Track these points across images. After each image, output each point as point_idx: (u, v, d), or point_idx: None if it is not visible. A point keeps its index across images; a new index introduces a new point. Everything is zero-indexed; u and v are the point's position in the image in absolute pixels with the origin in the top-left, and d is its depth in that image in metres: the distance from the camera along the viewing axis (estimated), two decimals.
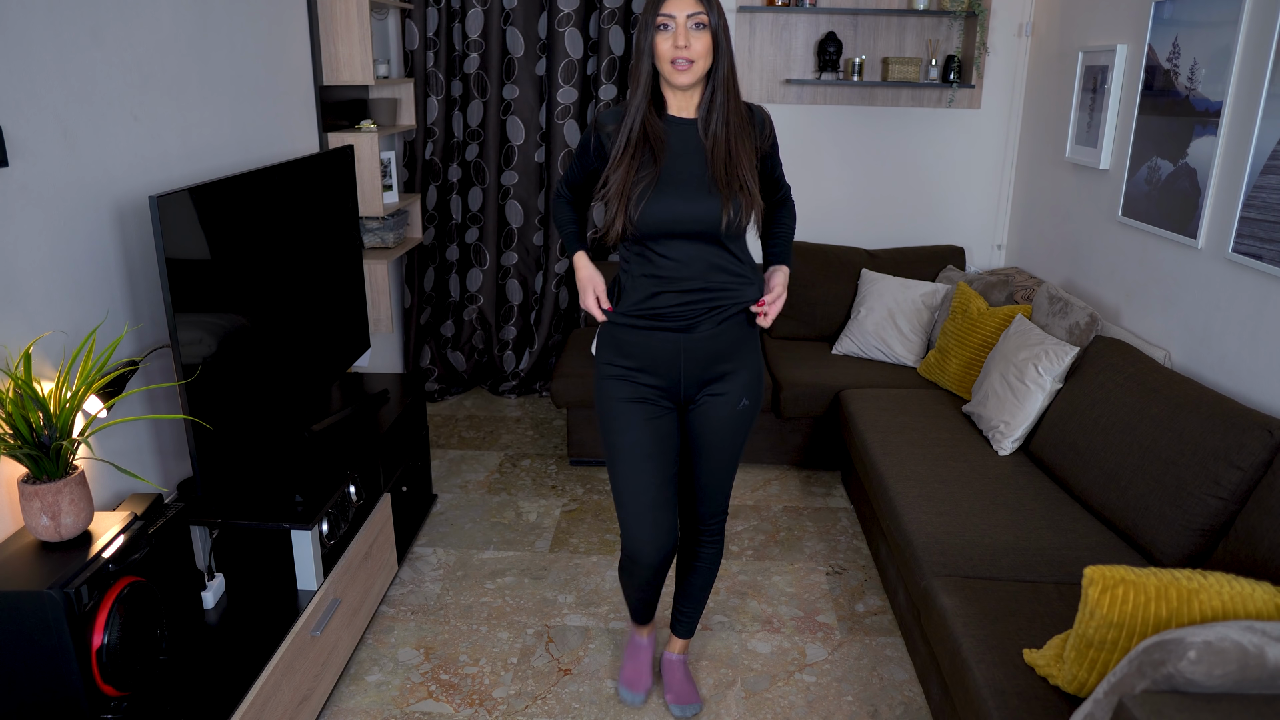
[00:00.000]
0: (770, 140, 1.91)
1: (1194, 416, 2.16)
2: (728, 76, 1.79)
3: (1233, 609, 1.49)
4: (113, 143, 2.00)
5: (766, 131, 1.90)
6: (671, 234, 1.81)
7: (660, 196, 1.78)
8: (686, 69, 1.73)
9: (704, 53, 1.73)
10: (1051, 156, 3.62)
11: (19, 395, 1.55)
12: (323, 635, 2.14)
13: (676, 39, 1.71)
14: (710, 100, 1.79)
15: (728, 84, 1.79)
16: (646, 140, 1.79)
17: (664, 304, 1.87)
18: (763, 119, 1.89)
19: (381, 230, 3.53)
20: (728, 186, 1.78)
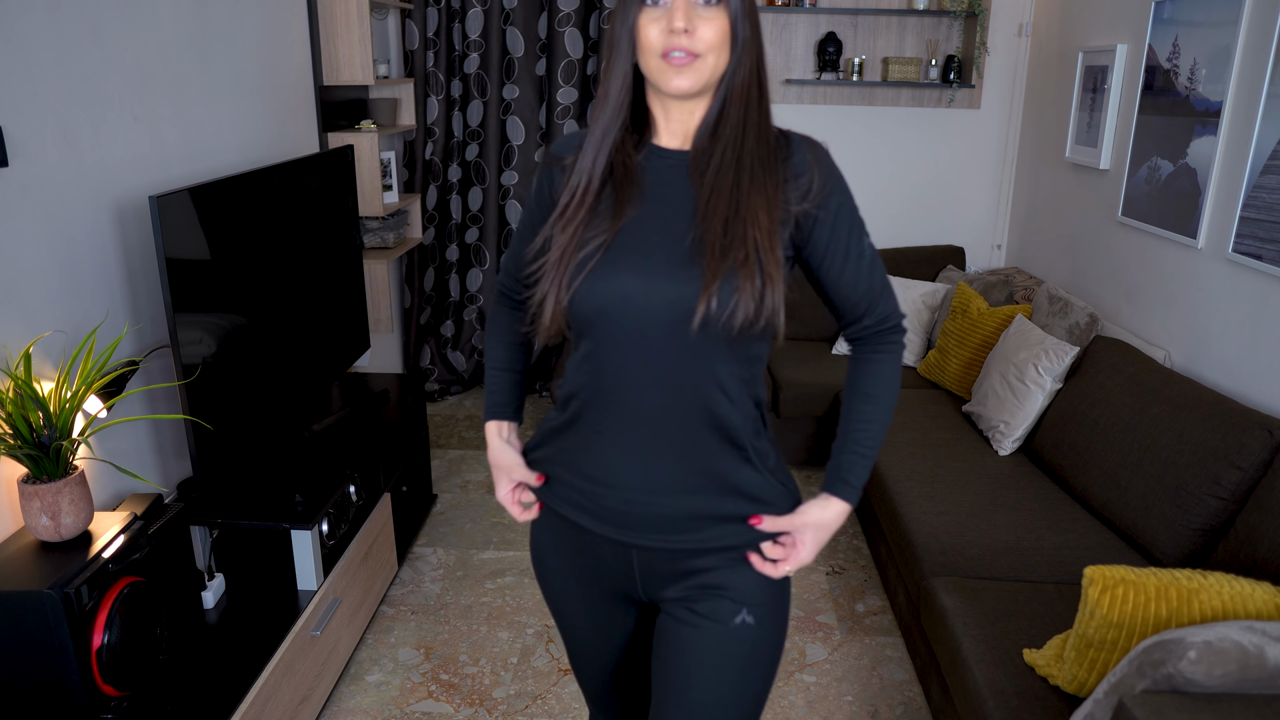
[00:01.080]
0: (819, 195, 1.13)
1: (1194, 416, 2.16)
2: (748, 83, 1.12)
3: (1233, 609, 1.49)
4: (113, 143, 2.00)
5: (810, 183, 1.13)
6: (624, 335, 1.11)
7: (610, 268, 1.10)
8: (686, 64, 1.07)
9: (716, 43, 1.08)
10: (1051, 156, 3.62)
11: (19, 395, 1.55)
12: (323, 635, 2.14)
13: (673, 19, 1.06)
14: (717, 119, 1.13)
15: (746, 95, 1.12)
16: (612, 182, 1.15)
17: (603, 473, 1.18)
18: (803, 161, 1.13)
19: (381, 230, 3.53)
20: (722, 257, 1.07)
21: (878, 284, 1.19)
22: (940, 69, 3.89)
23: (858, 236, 1.17)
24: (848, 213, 1.16)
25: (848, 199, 1.17)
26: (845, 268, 1.17)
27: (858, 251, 1.16)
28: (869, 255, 1.18)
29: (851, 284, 1.18)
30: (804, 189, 1.12)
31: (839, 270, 1.17)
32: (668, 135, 1.17)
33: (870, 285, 1.18)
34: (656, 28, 1.08)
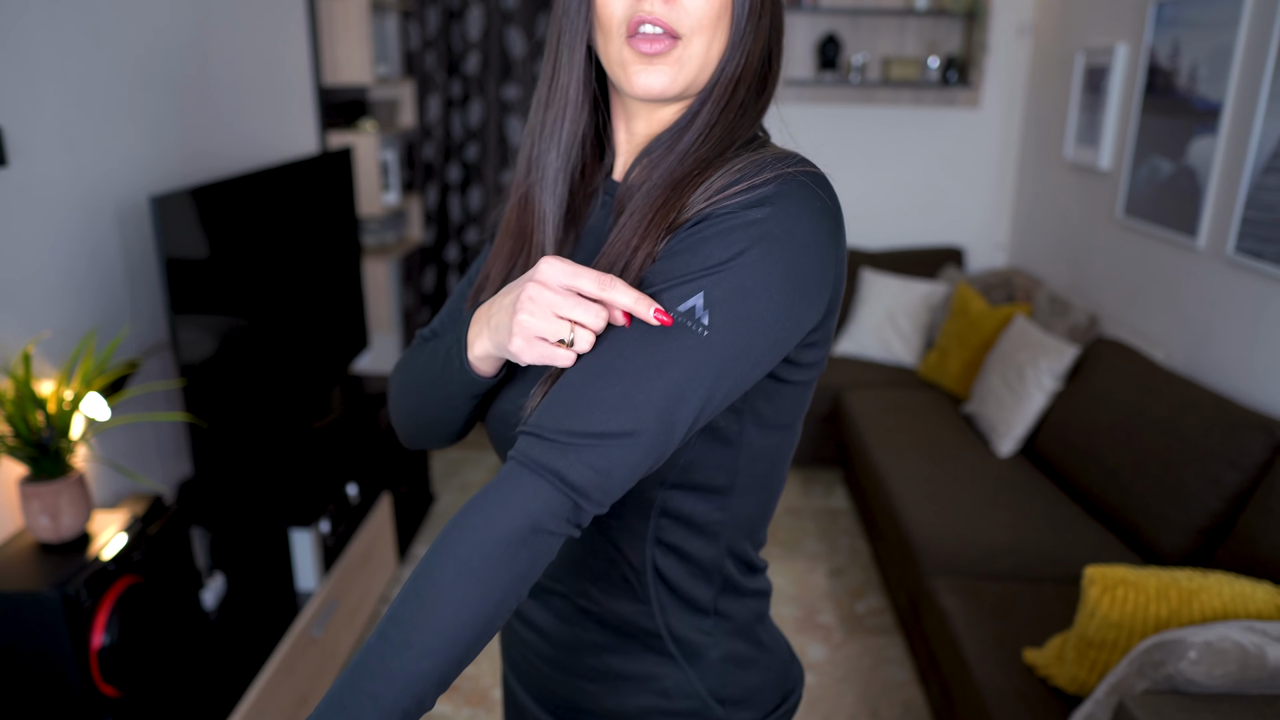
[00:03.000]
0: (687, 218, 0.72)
1: (1194, 416, 2.16)
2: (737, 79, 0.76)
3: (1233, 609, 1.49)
4: (113, 143, 2.00)
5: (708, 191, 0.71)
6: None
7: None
8: (662, 50, 0.73)
9: (709, 21, 0.73)
10: (1051, 156, 3.62)
11: (19, 395, 1.55)
12: (322, 635, 2.14)
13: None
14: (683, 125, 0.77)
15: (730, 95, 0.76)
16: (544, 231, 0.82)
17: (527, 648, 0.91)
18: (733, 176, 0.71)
19: (381, 230, 3.53)
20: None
21: (623, 359, 0.68)
22: (940, 69, 3.89)
23: (700, 263, 0.68)
24: (729, 247, 0.68)
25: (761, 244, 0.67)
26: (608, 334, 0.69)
27: (670, 282, 0.69)
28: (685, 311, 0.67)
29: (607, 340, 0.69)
30: (692, 203, 0.72)
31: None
32: (626, 156, 0.83)
33: (605, 352, 0.69)
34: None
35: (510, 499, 0.66)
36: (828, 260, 0.71)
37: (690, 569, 0.82)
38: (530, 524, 0.65)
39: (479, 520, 0.66)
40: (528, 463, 0.67)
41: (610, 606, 0.84)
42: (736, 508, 0.82)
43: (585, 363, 0.69)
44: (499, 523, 0.65)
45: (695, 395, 0.67)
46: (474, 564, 0.65)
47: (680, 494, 0.79)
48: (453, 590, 0.65)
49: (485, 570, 0.65)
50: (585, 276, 0.68)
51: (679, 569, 0.82)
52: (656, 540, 0.81)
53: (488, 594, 0.65)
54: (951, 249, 3.96)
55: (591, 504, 0.67)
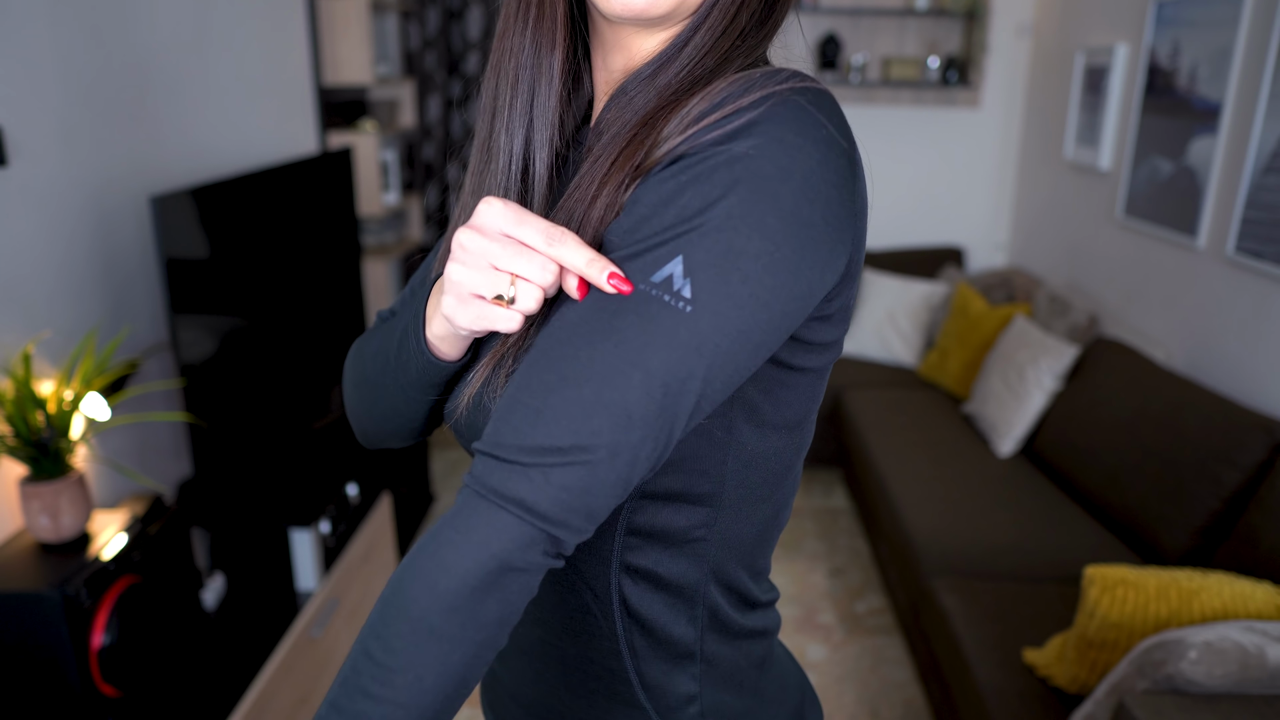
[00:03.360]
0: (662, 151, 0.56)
1: (1194, 416, 2.16)
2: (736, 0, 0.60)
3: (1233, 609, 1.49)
4: (113, 143, 2.00)
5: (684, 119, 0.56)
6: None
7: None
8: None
9: None
10: (1051, 156, 3.62)
11: (19, 395, 1.55)
12: (322, 635, 2.14)
13: None
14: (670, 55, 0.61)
15: (735, 11, 0.60)
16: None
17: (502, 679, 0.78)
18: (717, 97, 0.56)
19: (381, 231, 3.53)
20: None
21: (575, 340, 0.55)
22: (940, 69, 3.89)
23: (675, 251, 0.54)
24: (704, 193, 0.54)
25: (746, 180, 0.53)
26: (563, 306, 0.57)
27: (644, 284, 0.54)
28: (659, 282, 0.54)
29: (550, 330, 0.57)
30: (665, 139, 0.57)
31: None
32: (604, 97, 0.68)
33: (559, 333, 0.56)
34: None
35: (469, 537, 0.53)
36: (839, 205, 0.56)
37: (667, 601, 0.66)
38: (497, 564, 0.53)
39: (432, 566, 0.54)
40: (485, 492, 0.53)
41: (572, 644, 0.68)
42: (725, 525, 0.65)
43: (543, 353, 0.55)
44: (456, 569, 0.53)
45: (689, 389, 0.53)
46: (433, 620, 0.53)
47: (651, 505, 0.63)
48: (412, 654, 0.53)
49: (448, 626, 0.53)
50: (530, 225, 0.55)
51: (652, 601, 0.66)
52: (623, 565, 0.65)
53: (452, 651, 0.54)
54: (951, 249, 3.96)
55: (571, 532, 0.54)
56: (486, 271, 0.56)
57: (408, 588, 0.54)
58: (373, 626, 0.55)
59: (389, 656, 0.54)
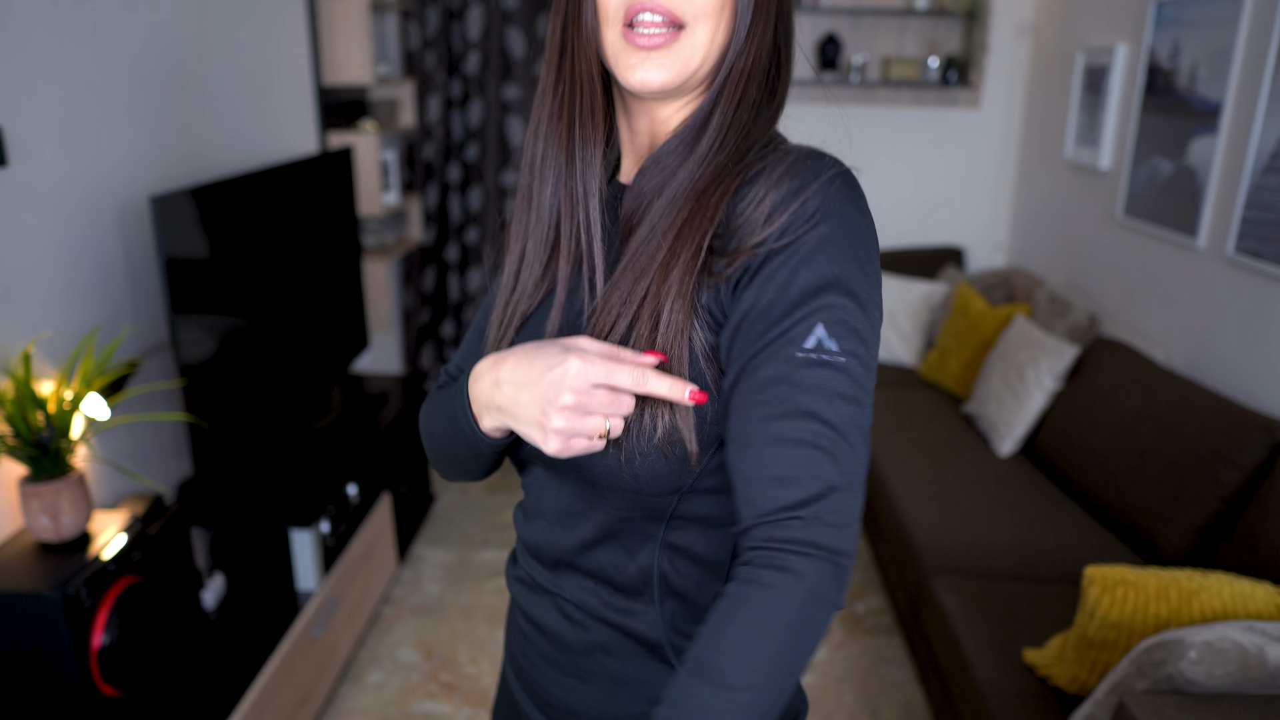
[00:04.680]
0: (764, 236, 0.68)
1: (1194, 416, 2.16)
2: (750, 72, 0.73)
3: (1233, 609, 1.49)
4: (113, 143, 2.00)
5: (758, 214, 0.68)
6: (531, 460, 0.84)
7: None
8: (661, 43, 0.70)
9: (711, 9, 0.70)
10: (1051, 156, 3.62)
11: (19, 395, 1.56)
12: (323, 635, 2.14)
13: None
14: (697, 128, 0.74)
15: (743, 92, 0.73)
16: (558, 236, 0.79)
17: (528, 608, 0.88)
18: (765, 178, 0.70)
19: (381, 230, 3.53)
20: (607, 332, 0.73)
21: (827, 415, 0.65)
22: (940, 69, 3.89)
23: (817, 315, 0.65)
24: (820, 263, 0.66)
25: (838, 248, 0.66)
26: (765, 363, 0.66)
27: (807, 339, 0.65)
28: (831, 361, 0.65)
29: (768, 401, 0.65)
30: (744, 229, 0.68)
31: (745, 363, 0.67)
32: (631, 160, 0.80)
33: (809, 410, 0.65)
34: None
35: (775, 596, 0.63)
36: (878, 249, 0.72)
37: (700, 574, 0.77)
38: (806, 599, 0.63)
39: (755, 621, 0.63)
40: (776, 559, 0.64)
41: (614, 610, 0.79)
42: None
43: (759, 438, 0.65)
44: (775, 620, 0.63)
45: (867, 414, 0.67)
46: (768, 672, 0.63)
47: (695, 497, 0.75)
48: (747, 703, 0.63)
49: (778, 672, 0.63)
50: (621, 373, 0.66)
51: (688, 574, 0.77)
52: (665, 544, 0.76)
53: (782, 692, 0.64)
54: (951, 249, 3.97)
55: (849, 558, 0.65)
56: (585, 420, 0.68)
57: (735, 653, 0.64)
58: (693, 691, 0.65)
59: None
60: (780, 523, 0.64)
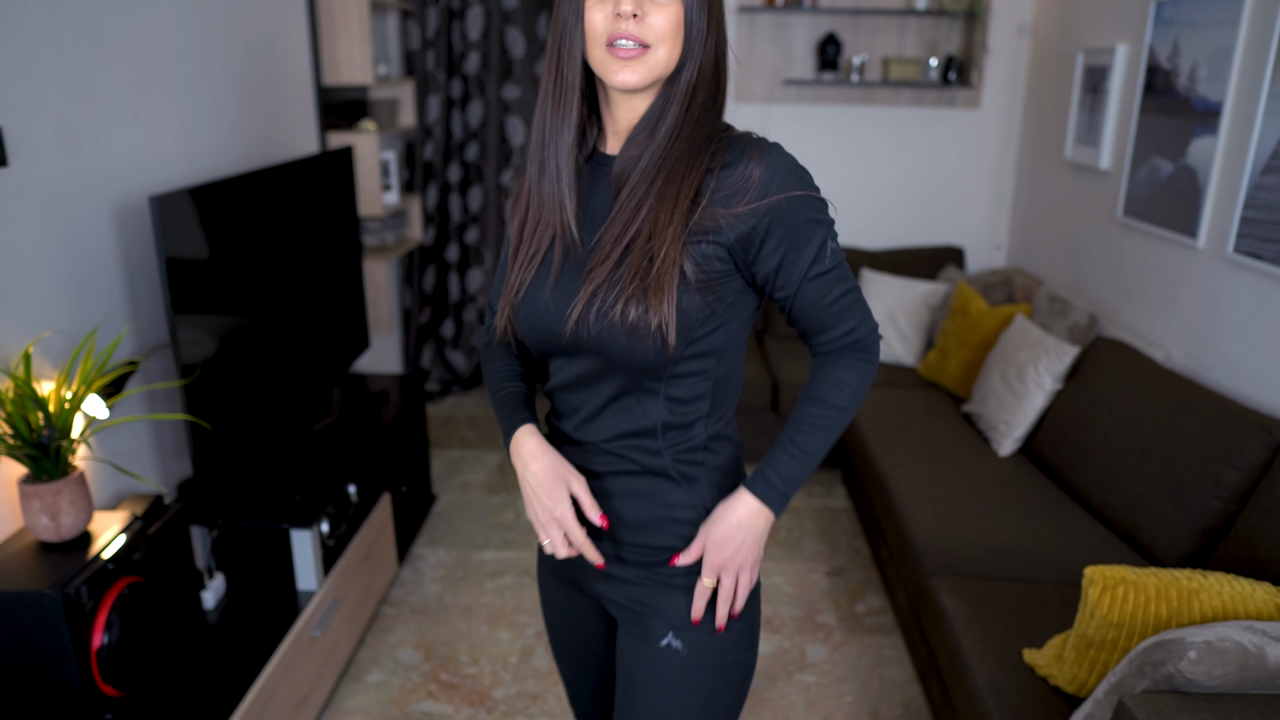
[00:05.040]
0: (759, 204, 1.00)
1: (1194, 416, 2.16)
2: (696, 83, 1.03)
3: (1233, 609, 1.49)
4: (113, 143, 2.00)
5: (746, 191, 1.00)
6: (551, 349, 1.12)
7: (534, 288, 1.09)
8: (634, 56, 0.99)
9: (669, 32, 0.99)
10: (1051, 156, 3.62)
11: (19, 395, 1.56)
12: (323, 635, 2.14)
13: (620, 1, 0.97)
14: (657, 119, 1.04)
15: (691, 96, 1.03)
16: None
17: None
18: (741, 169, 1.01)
19: (381, 230, 3.53)
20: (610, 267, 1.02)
21: (843, 297, 1.06)
22: (940, 69, 3.89)
23: (814, 247, 1.03)
24: (801, 221, 1.01)
25: (803, 205, 1.01)
26: (805, 283, 1.04)
27: (819, 263, 1.04)
28: (832, 265, 1.04)
29: (813, 300, 1.06)
30: (743, 195, 1.00)
31: (797, 286, 1.05)
32: (613, 137, 1.09)
33: (835, 299, 1.06)
34: (602, 11, 0.99)
35: (857, 367, 1.10)
36: None
37: (688, 411, 1.11)
38: (868, 370, 1.11)
39: (849, 378, 1.10)
40: (850, 354, 1.10)
41: (631, 449, 1.12)
42: (719, 370, 1.11)
43: (820, 311, 1.07)
44: (858, 377, 1.10)
45: (854, 280, 1.10)
46: (853, 404, 1.11)
47: (682, 363, 1.08)
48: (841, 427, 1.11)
49: (855, 406, 1.11)
50: (572, 530, 1.11)
51: (680, 412, 1.10)
52: (665, 396, 1.09)
53: (850, 420, 1.12)
54: (951, 249, 3.96)
55: (879, 351, 1.12)
56: (550, 528, 1.11)
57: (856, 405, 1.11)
58: (825, 416, 1.09)
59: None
60: (855, 345, 1.10)
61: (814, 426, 1.09)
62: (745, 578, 1.10)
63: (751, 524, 1.08)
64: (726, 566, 1.09)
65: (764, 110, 3.84)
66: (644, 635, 1.14)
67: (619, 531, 1.14)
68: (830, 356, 1.10)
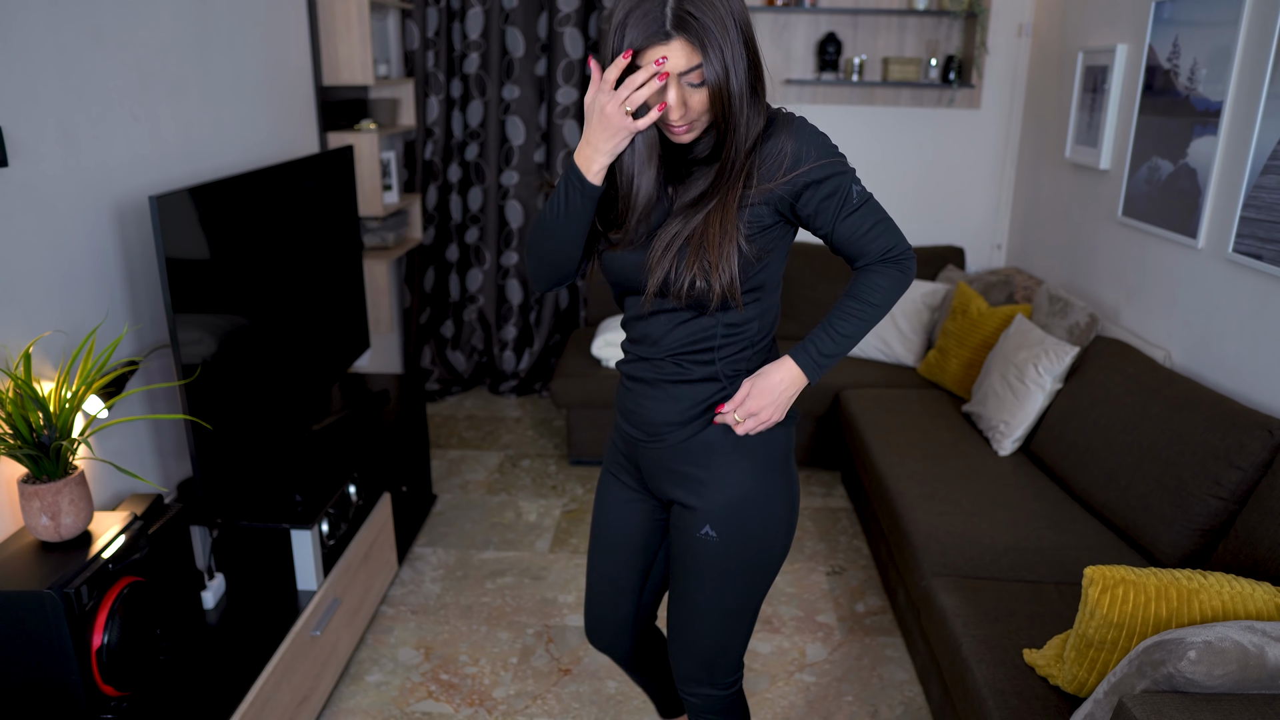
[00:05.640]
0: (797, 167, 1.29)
1: (1194, 416, 2.16)
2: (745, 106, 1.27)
3: (1233, 609, 1.49)
4: (113, 143, 2.00)
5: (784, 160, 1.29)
6: (628, 293, 1.44)
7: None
8: (685, 130, 1.30)
9: (706, 106, 1.27)
10: (1051, 156, 3.62)
11: (19, 395, 1.56)
12: (323, 635, 2.14)
13: (670, 107, 1.27)
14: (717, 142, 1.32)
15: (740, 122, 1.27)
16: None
17: (632, 391, 1.48)
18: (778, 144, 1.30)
19: (381, 230, 3.53)
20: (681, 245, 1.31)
21: (874, 227, 1.35)
22: (940, 69, 3.89)
23: (845, 191, 1.31)
24: (828, 176, 1.30)
25: (831, 160, 1.31)
26: (839, 222, 1.33)
27: (848, 205, 1.32)
28: (859, 203, 1.33)
29: (848, 235, 1.35)
30: (780, 166, 1.30)
31: (833, 225, 1.34)
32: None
33: (867, 232, 1.35)
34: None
35: (894, 274, 1.38)
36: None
37: (737, 334, 1.39)
38: (903, 278, 1.39)
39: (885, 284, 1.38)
40: (889, 266, 1.37)
41: (691, 365, 1.40)
42: (764, 303, 1.40)
43: (860, 238, 1.35)
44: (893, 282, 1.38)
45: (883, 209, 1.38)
46: (888, 302, 1.39)
47: (750, 293, 1.37)
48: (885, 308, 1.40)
49: (889, 304, 1.39)
50: (613, 90, 1.25)
51: (727, 335, 1.38)
52: (722, 323, 1.37)
53: (883, 316, 1.41)
54: (951, 249, 3.96)
55: (914, 265, 1.40)
56: (618, 115, 1.25)
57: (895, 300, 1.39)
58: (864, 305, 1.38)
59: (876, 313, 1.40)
60: (888, 260, 1.36)
61: (851, 317, 1.37)
62: (764, 422, 1.40)
63: (789, 384, 1.38)
64: (758, 413, 1.38)
65: None
66: (684, 526, 1.47)
67: (670, 425, 1.45)
68: (870, 268, 1.37)
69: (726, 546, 1.44)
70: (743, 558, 1.45)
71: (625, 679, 2.34)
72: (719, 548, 1.45)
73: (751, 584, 1.48)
